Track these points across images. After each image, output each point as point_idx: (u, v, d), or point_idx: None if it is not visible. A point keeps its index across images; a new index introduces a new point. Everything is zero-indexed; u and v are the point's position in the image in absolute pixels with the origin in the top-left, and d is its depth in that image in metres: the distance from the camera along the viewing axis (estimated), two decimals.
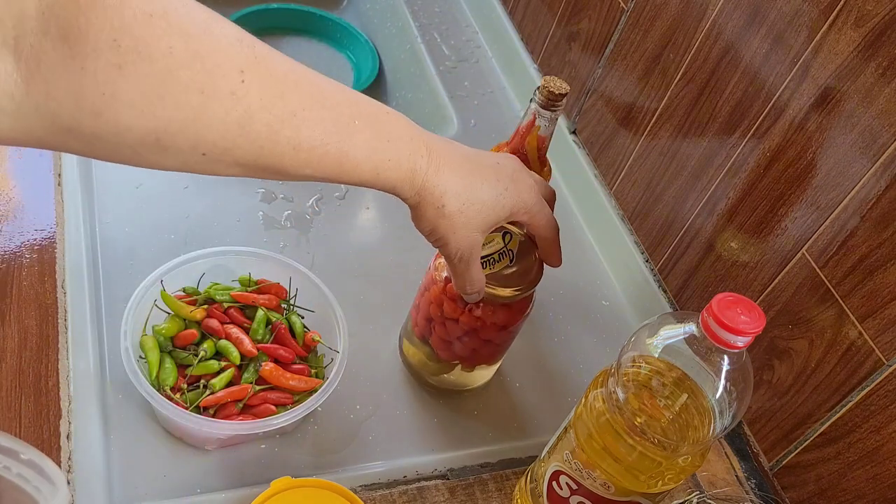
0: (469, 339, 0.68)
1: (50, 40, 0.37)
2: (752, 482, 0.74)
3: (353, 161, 0.49)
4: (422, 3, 1.23)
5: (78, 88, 0.38)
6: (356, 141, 0.49)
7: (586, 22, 0.96)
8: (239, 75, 0.42)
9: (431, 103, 1.09)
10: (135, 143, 0.41)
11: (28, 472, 0.41)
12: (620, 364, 0.54)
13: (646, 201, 0.88)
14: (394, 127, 0.52)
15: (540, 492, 0.62)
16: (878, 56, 0.60)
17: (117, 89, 0.38)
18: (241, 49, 0.43)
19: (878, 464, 0.62)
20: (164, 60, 0.39)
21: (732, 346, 0.49)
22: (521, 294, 0.65)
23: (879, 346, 0.62)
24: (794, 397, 0.69)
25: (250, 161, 0.45)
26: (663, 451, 0.53)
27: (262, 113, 0.44)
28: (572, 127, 1.00)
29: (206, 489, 0.64)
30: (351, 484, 0.64)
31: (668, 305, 0.85)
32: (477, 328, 0.67)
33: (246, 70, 0.43)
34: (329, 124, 0.47)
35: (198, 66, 0.40)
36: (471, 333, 0.67)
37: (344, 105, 0.49)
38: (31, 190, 0.77)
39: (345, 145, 0.48)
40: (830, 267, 0.65)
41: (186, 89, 0.40)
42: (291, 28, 1.26)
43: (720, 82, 0.76)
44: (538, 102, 0.67)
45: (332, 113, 0.48)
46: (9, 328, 0.67)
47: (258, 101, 0.43)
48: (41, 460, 0.41)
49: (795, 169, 0.68)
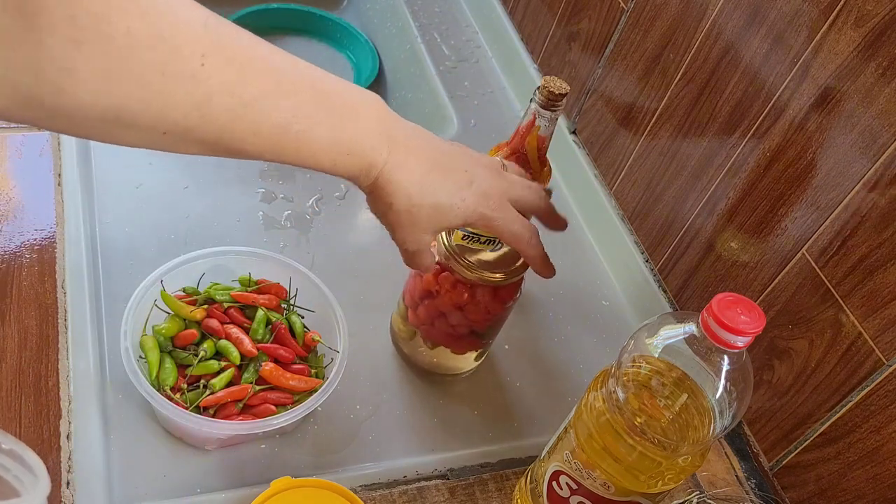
0: (452, 317, 0.69)
1: (8, 12, 0.37)
2: (752, 482, 0.74)
3: (311, 150, 0.50)
4: (422, 3, 1.23)
5: (36, 62, 0.38)
6: (317, 132, 0.49)
7: (586, 22, 0.96)
8: (200, 59, 0.43)
9: (431, 103, 1.09)
10: (96, 120, 0.42)
11: (9, 462, 0.41)
12: (620, 364, 0.54)
13: (646, 201, 0.88)
14: (359, 118, 0.52)
15: (540, 492, 0.62)
16: (878, 56, 0.60)
17: (76, 65, 0.39)
18: (205, 33, 0.44)
19: (878, 464, 0.62)
20: (124, 39, 0.39)
21: (732, 346, 0.49)
22: (508, 279, 0.66)
23: (879, 346, 0.62)
24: (794, 397, 0.69)
25: (211, 141, 0.46)
26: (663, 451, 0.53)
27: (224, 97, 0.45)
28: (572, 127, 1.00)
29: (206, 489, 0.64)
30: (351, 484, 0.64)
31: (668, 305, 0.85)
32: (462, 307, 0.68)
33: (207, 54, 0.43)
34: (289, 113, 0.48)
35: (159, 48, 0.41)
36: (453, 312, 0.69)
37: (308, 93, 0.49)
38: (31, 190, 0.77)
39: (304, 135, 0.49)
40: (830, 267, 0.65)
41: (146, 70, 0.41)
42: (291, 28, 1.26)
43: (720, 82, 0.76)
44: (538, 102, 0.67)
45: (294, 100, 0.48)
46: (9, 328, 0.67)
47: (219, 86, 0.44)
48: (22, 450, 0.41)
49: (795, 169, 0.68)
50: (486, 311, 0.69)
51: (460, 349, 0.73)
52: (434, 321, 0.71)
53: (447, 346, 0.72)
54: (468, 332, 0.71)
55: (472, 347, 0.74)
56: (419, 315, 0.72)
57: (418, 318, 0.72)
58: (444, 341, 0.72)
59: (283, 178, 0.90)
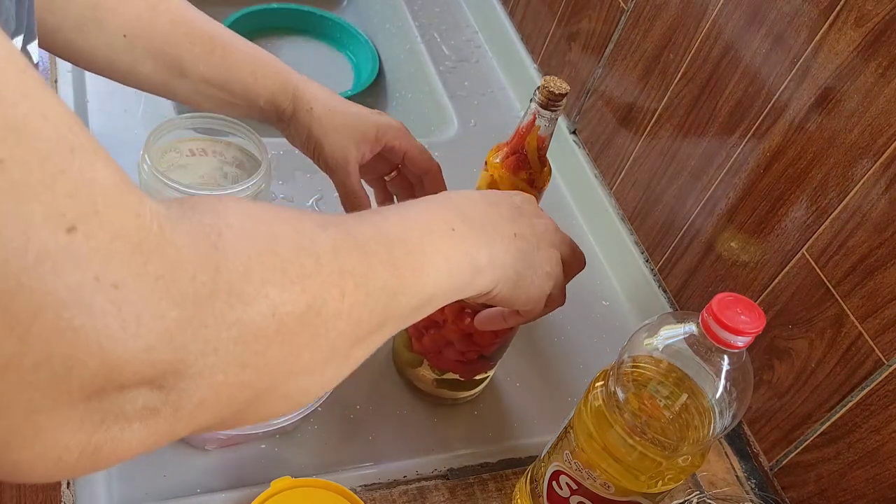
0: (460, 345, 0.68)
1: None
2: (752, 482, 0.74)
3: (239, 75, 0.63)
4: (422, 3, 1.23)
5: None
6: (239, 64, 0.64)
7: (586, 22, 0.96)
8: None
9: (431, 103, 1.09)
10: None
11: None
12: (620, 364, 0.54)
13: (646, 201, 0.88)
14: (272, 59, 0.66)
15: (540, 492, 0.62)
16: (878, 56, 0.60)
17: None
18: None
19: (878, 464, 0.62)
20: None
21: (732, 346, 0.49)
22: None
23: (879, 346, 0.62)
24: (794, 397, 0.69)
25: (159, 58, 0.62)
26: (663, 451, 0.53)
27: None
28: (572, 127, 1.00)
29: (206, 489, 0.64)
30: (351, 484, 0.64)
31: (668, 305, 0.85)
32: (470, 333, 0.66)
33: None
34: (218, 60, 0.63)
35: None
36: (461, 339, 0.67)
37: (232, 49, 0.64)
38: None
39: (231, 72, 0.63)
40: (830, 267, 0.65)
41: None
42: (291, 28, 1.26)
43: (720, 82, 0.76)
44: (538, 102, 0.67)
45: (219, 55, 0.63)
46: None
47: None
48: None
49: (795, 169, 0.68)
50: (493, 335, 0.67)
51: (469, 374, 0.71)
52: (441, 350, 0.69)
53: (455, 371, 0.71)
54: (477, 358, 0.70)
55: (482, 370, 0.72)
56: (425, 345, 0.70)
57: (424, 347, 0.70)
58: (452, 368, 0.70)
59: (283, 178, 0.90)
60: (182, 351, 0.29)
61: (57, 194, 0.25)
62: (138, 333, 0.27)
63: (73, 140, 0.26)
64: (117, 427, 0.29)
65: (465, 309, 0.65)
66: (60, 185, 0.25)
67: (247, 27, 1.18)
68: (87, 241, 0.25)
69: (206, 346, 0.30)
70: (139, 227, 0.27)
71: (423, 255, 0.43)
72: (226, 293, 0.30)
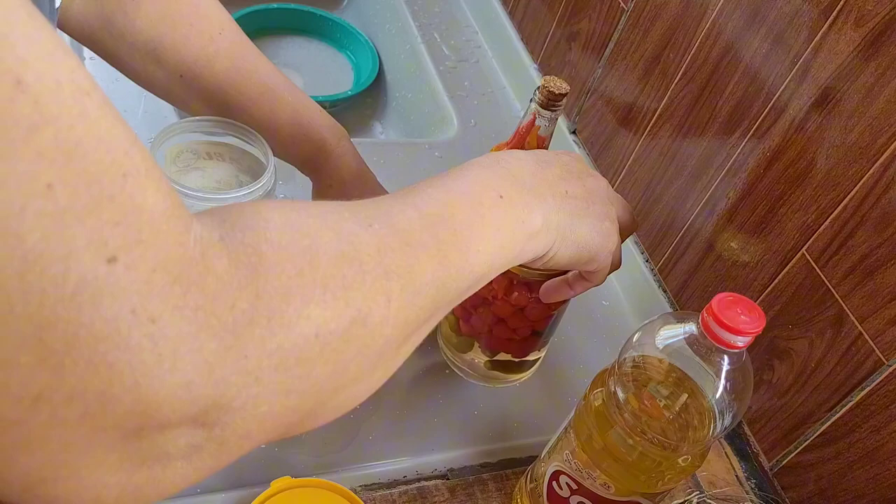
0: (512, 321, 0.66)
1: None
2: (752, 482, 0.74)
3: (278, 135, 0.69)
4: (422, 3, 1.23)
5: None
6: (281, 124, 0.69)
7: (586, 22, 0.96)
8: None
9: (431, 103, 1.09)
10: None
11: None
12: (620, 364, 0.54)
13: (646, 201, 0.88)
14: (315, 114, 0.69)
15: (540, 492, 0.62)
16: (878, 56, 0.60)
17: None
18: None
19: (879, 464, 0.62)
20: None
21: (732, 346, 0.49)
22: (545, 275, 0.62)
23: (879, 346, 0.62)
24: (794, 397, 0.69)
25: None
26: (663, 451, 0.53)
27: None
28: (572, 127, 1.00)
29: (206, 489, 0.64)
30: (351, 484, 0.64)
31: (668, 305, 0.85)
32: (523, 308, 0.64)
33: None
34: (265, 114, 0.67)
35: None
36: (513, 315, 0.66)
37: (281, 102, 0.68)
38: None
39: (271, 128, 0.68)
40: (830, 267, 0.65)
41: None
42: (291, 28, 1.25)
43: (720, 82, 0.76)
44: (538, 102, 0.67)
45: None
46: None
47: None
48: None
49: (795, 169, 0.68)
50: (547, 307, 0.65)
51: (522, 352, 0.70)
52: (492, 328, 0.68)
53: (508, 351, 0.70)
54: (530, 334, 0.68)
55: (534, 347, 0.71)
56: (474, 325, 0.68)
57: (473, 327, 0.69)
58: (504, 347, 0.69)
59: (284, 178, 0.90)
60: (223, 384, 0.28)
61: (102, 221, 0.24)
62: (175, 367, 0.26)
63: (128, 164, 0.25)
64: (159, 466, 0.28)
65: (514, 281, 0.63)
66: (107, 212, 0.24)
67: (247, 27, 1.17)
68: (127, 272, 0.25)
69: (247, 377, 0.29)
70: (181, 256, 0.27)
71: (471, 233, 0.41)
72: (266, 319, 0.29)
